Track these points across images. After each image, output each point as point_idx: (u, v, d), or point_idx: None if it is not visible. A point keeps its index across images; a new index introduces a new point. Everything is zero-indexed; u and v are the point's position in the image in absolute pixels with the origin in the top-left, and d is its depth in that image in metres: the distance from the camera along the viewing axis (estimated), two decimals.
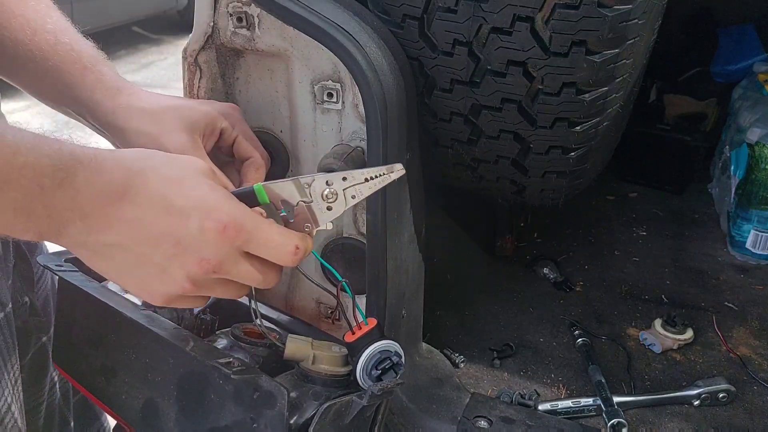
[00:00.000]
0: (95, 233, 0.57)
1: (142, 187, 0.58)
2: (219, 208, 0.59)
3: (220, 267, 0.59)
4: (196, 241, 0.58)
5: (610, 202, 1.84)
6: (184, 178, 0.60)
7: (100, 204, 0.57)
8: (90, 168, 0.56)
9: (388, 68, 0.83)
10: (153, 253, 0.58)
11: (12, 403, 0.80)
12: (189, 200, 0.59)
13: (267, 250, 0.61)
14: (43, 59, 0.78)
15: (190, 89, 0.92)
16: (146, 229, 0.58)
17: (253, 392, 0.66)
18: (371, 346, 0.71)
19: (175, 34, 6.94)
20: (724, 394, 1.06)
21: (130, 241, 0.58)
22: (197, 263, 0.58)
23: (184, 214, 0.58)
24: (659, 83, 2.09)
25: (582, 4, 0.79)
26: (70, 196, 0.55)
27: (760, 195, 1.52)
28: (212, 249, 0.58)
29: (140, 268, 0.59)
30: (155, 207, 0.58)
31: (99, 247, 0.58)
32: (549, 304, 1.34)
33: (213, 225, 0.58)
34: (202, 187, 0.60)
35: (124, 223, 0.57)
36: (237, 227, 0.59)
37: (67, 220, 0.56)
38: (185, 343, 0.72)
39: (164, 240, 0.58)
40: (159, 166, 0.60)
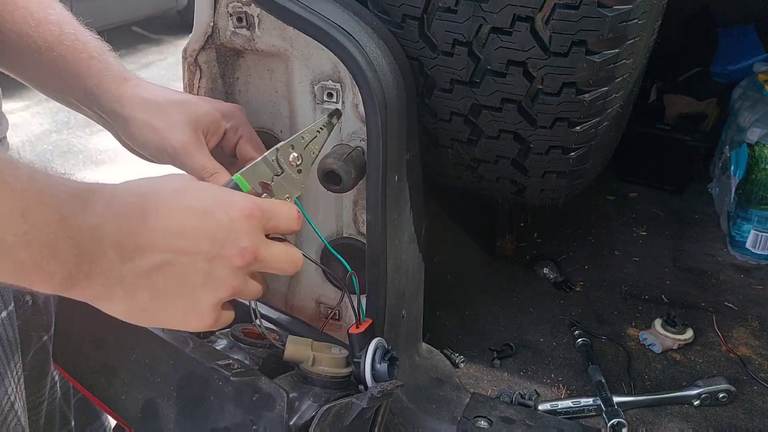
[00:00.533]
0: (130, 261, 0.56)
1: (159, 203, 0.58)
2: (234, 198, 0.61)
3: (258, 252, 0.61)
4: (231, 233, 0.59)
5: (610, 202, 1.84)
6: (188, 185, 0.62)
7: (127, 228, 0.56)
8: (103, 195, 0.56)
9: (388, 68, 0.83)
10: (195, 259, 0.58)
11: (15, 401, 0.80)
12: (205, 200, 0.60)
13: (281, 220, 0.64)
14: (48, 50, 0.78)
15: (190, 89, 0.92)
16: (181, 238, 0.57)
17: (253, 394, 0.66)
18: (375, 339, 0.72)
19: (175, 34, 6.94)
20: (724, 394, 1.06)
21: (170, 254, 0.57)
22: (239, 254, 0.59)
23: (208, 212, 0.59)
24: (659, 83, 2.09)
25: (582, 4, 0.79)
26: (94, 225, 0.54)
27: (760, 195, 1.52)
28: (247, 235, 0.60)
29: (185, 281, 0.58)
30: (179, 216, 0.58)
31: (136, 276, 0.56)
32: (549, 304, 1.34)
33: (239, 213, 0.60)
34: (208, 187, 0.63)
35: (158, 239, 0.57)
36: (258, 209, 0.61)
37: (97, 254, 0.54)
38: (185, 344, 0.72)
39: (201, 242, 0.58)
40: (161, 182, 0.61)
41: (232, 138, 0.83)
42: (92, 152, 4.01)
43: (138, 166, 0.86)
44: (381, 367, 0.71)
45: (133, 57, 6.20)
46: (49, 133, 4.40)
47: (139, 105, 0.79)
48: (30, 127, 4.48)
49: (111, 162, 3.84)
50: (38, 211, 0.50)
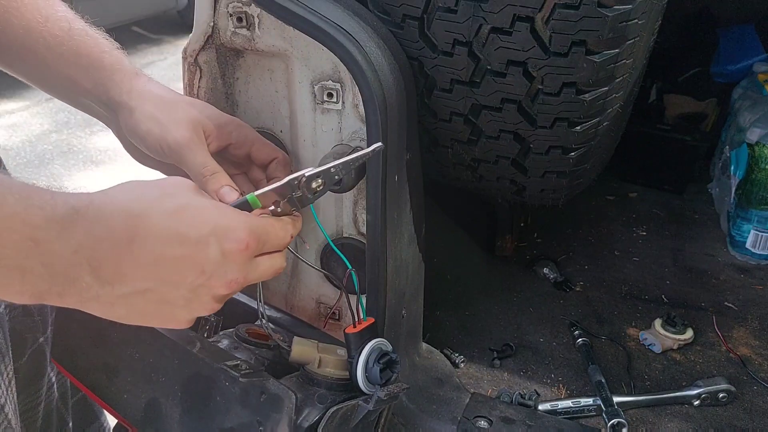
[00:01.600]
0: (109, 285, 0.55)
1: (148, 227, 0.56)
2: (233, 226, 0.59)
3: (246, 280, 0.60)
4: (221, 266, 0.58)
5: (610, 202, 1.84)
6: (185, 207, 0.58)
7: (109, 253, 0.54)
8: (87, 217, 0.53)
9: (388, 68, 0.83)
10: (178, 289, 0.57)
11: (6, 403, 0.79)
12: (202, 228, 0.57)
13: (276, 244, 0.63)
14: (57, 45, 0.78)
15: (190, 89, 0.92)
16: (167, 268, 0.56)
17: (260, 395, 0.66)
18: (373, 341, 0.72)
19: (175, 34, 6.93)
20: (724, 394, 1.06)
21: (151, 283, 0.56)
22: (226, 285, 0.58)
23: (201, 242, 0.57)
24: (659, 83, 2.09)
25: (582, 4, 0.79)
26: (72, 249, 0.52)
27: (760, 195, 1.52)
28: (237, 268, 0.59)
29: (164, 305, 0.58)
30: (170, 245, 0.56)
31: (114, 298, 0.56)
32: (549, 304, 1.34)
33: (235, 246, 0.58)
34: (207, 210, 0.59)
35: (142, 268, 0.55)
36: (256, 240, 0.59)
37: (73, 277, 0.53)
38: (192, 344, 0.72)
39: (188, 273, 0.57)
40: (156, 204, 0.58)
41: (242, 145, 0.83)
42: (92, 152, 4.01)
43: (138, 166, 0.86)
44: (374, 370, 0.71)
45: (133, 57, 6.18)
46: (49, 133, 4.40)
47: (148, 98, 0.79)
48: (30, 127, 4.48)
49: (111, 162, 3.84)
50: (6, 238, 0.49)
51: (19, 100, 4.83)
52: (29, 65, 0.81)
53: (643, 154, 1.88)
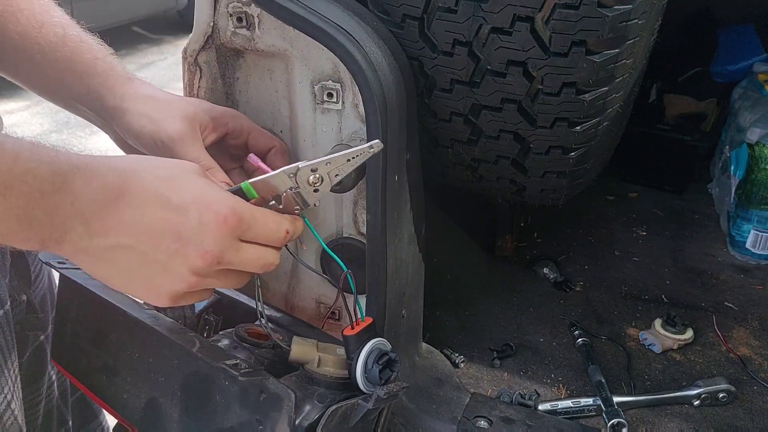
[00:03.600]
0: (96, 237, 0.58)
1: (138, 187, 0.60)
2: (216, 200, 0.61)
3: (223, 257, 0.61)
4: (197, 234, 0.60)
5: (610, 202, 1.84)
6: (176, 176, 0.62)
7: (98, 207, 0.58)
8: (85, 173, 0.58)
9: (388, 68, 0.83)
10: (155, 251, 0.60)
11: (12, 400, 0.80)
12: (185, 195, 0.60)
13: (264, 236, 0.64)
14: (52, 51, 0.79)
15: (190, 89, 0.92)
16: (146, 227, 0.59)
17: (260, 394, 0.66)
18: (371, 341, 0.72)
19: (175, 34, 6.94)
20: (724, 394, 1.06)
21: (132, 240, 0.59)
22: (201, 256, 0.60)
23: (181, 209, 0.60)
24: (659, 83, 2.09)
25: (582, 4, 0.79)
26: (70, 200, 0.56)
27: (760, 195, 1.52)
28: (213, 240, 0.60)
29: (144, 267, 0.60)
30: (152, 205, 0.59)
31: (101, 251, 0.59)
32: (549, 304, 1.34)
33: (213, 217, 0.60)
34: (197, 182, 0.63)
35: (124, 224, 0.59)
36: (236, 217, 0.61)
37: (68, 226, 0.57)
38: (191, 343, 0.72)
39: (165, 236, 0.59)
40: (151, 168, 0.62)
41: (239, 136, 0.84)
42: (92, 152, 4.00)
43: None
44: (373, 370, 0.71)
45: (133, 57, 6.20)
46: (49, 133, 4.40)
47: (141, 99, 0.80)
48: (30, 127, 4.48)
49: None
50: (19, 191, 0.54)
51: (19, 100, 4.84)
52: (25, 70, 0.82)
53: (643, 154, 1.88)
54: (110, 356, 0.79)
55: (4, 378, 0.79)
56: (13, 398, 0.80)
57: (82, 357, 0.82)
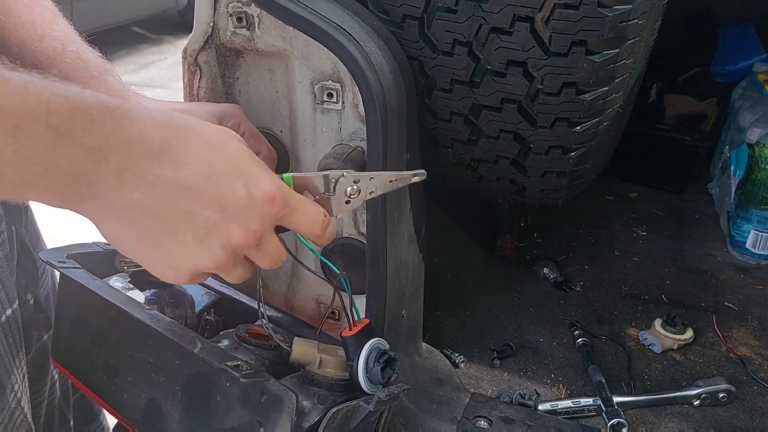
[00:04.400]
0: (129, 191, 0.51)
1: (183, 147, 0.53)
2: (265, 178, 0.56)
3: (262, 239, 0.56)
4: (244, 209, 0.55)
5: (610, 202, 1.84)
6: (225, 145, 0.56)
7: (136, 158, 0.50)
8: (118, 116, 0.50)
9: (388, 68, 0.83)
10: (195, 218, 0.53)
11: (21, 398, 0.80)
12: (234, 167, 0.55)
13: (303, 221, 0.60)
14: (49, 66, 0.78)
15: (190, 89, 0.92)
16: (189, 192, 0.53)
17: (261, 395, 0.66)
18: (370, 341, 0.72)
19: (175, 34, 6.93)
20: (724, 394, 1.06)
21: (171, 201, 0.52)
22: (242, 233, 0.55)
23: (231, 179, 0.54)
24: (659, 83, 2.09)
25: (582, 4, 0.79)
26: (97, 144, 0.48)
27: (760, 195, 1.52)
28: (259, 218, 0.55)
29: (174, 236, 0.54)
30: (199, 170, 0.53)
31: (129, 210, 0.52)
32: (549, 304, 1.34)
33: (262, 193, 0.55)
34: (245, 155, 0.57)
35: (165, 183, 0.52)
36: (283, 198, 0.57)
37: (96, 176, 0.49)
38: (193, 344, 0.72)
39: (209, 206, 0.53)
40: (198, 129, 0.55)
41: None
42: None
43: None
44: (375, 370, 0.71)
45: (133, 57, 6.20)
46: None
47: None
48: None
49: None
50: (29, 128, 0.46)
51: None
52: None
53: (643, 154, 1.88)
54: (111, 356, 0.79)
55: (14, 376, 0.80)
56: (22, 396, 0.80)
57: (82, 357, 0.82)
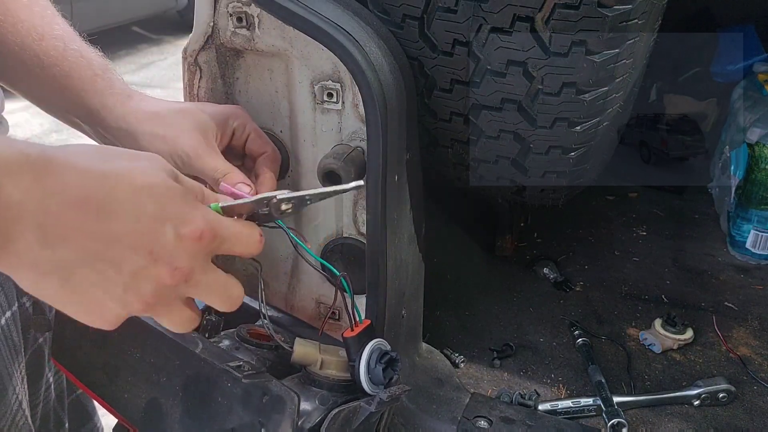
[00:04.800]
0: (52, 247, 0.49)
1: (108, 195, 0.51)
2: (193, 214, 0.56)
3: (191, 275, 0.56)
4: (171, 250, 0.54)
5: (610, 202, 1.84)
6: (153, 185, 0.54)
7: (56, 211, 0.49)
8: (37, 168, 0.48)
9: (388, 68, 0.83)
10: (119, 269, 0.52)
11: (23, 400, 0.80)
12: (162, 208, 0.54)
13: (238, 245, 0.60)
14: (51, 65, 0.77)
15: (190, 89, 0.92)
16: (116, 242, 0.51)
17: (263, 396, 0.66)
18: (372, 341, 0.72)
19: (175, 34, 6.94)
20: (724, 394, 1.06)
21: (94, 254, 0.51)
22: (170, 273, 0.54)
23: (158, 222, 0.53)
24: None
25: (582, 4, 0.79)
26: (16, 200, 0.46)
27: (760, 195, 1.52)
28: (186, 257, 0.55)
29: (100, 286, 0.53)
30: (126, 217, 0.52)
31: (52, 265, 0.50)
32: (549, 304, 1.34)
33: (190, 232, 0.54)
34: (174, 192, 0.56)
35: (89, 235, 0.50)
36: (212, 232, 0.56)
37: (13, 232, 0.47)
38: (194, 344, 0.72)
39: (136, 252, 0.52)
40: (123, 170, 0.53)
41: (242, 136, 0.84)
42: None
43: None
44: (377, 370, 0.71)
45: (133, 57, 6.20)
46: (49, 133, 4.40)
47: (145, 119, 0.78)
48: (30, 126, 4.48)
49: None
50: None
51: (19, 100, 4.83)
52: (24, 83, 0.80)
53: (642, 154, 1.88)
54: (111, 356, 0.79)
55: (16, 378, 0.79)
56: (23, 398, 0.80)
57: (82, 356, 0.82)
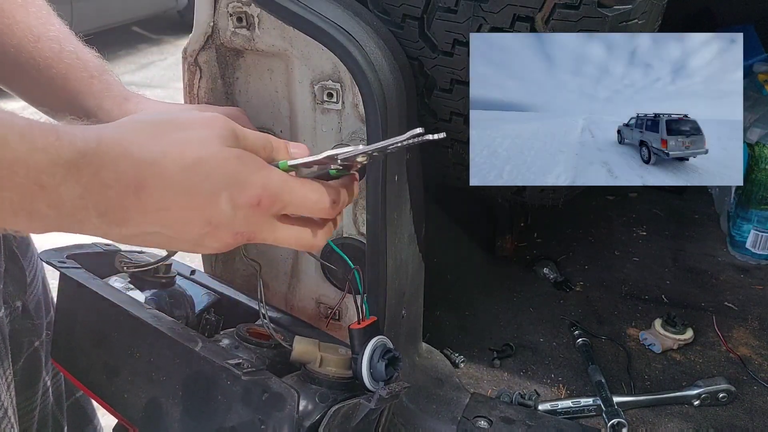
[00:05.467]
0: (117, 227, 0.54)
1: (158, 176, 0.54)
2: (249, 181, 0.56)
3: (255, 236, 0.58)
4: (229, 219, 0.56)
5: (610, 202, 1.84)
6: (203, 159, 0.55)
7: (115, 199, 0.52)
8: (94, 162, 0.51)
9: (388, 68, 0.83)
10: (186, 237, 0.56)
11: (8, 407, 0.79)
12: (214, 180, 0.55)
13: (304, 208, 0.60)
14: (47, 67, 0.77)
15: (190, 89, 0.92)
16: (173, 216, 0.55)
17: (262, 393, 0.66)
18: (376, 337, 0.72)
19: (175, 34, 6.94)
20: (724, 394, 1.06)
21: (157, 228, 0.55)
22: (232, 237, 0.57)
23: (213, 194, 0.55)
24: None
25: (582, 4, 0.79)
26: (78, 193, 0.51)
27: (760, 195, 1.52)
28: (245, 222, 0.57)
29: (174, 244, 0.58)
30: (178, 194, 0.54)
31: (123, 237, 0.56)
32: (549, 304, 1.34)
33: (246, 200, 0.56)
34: (228, 161, 0.56)
35: (148, 214, 0.54)
36: (271, 197, 0.57)
37: (81, 218, 0.52)
38: (194, 343, 0.72)
39: (194, 223, 0.55)
40: (173, 155, 0.55)
41: None
42: None
43: None
44: (379, 366, 0.71)
45: (133, 57, 6.20)
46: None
47: None
48: None
49: None
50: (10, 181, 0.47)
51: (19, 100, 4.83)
52: (21, 84, 0.80)
53: None
54: (111, 356, 0.79)
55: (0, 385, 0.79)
56: (9, 404, 0.80)
57: (82, 356, 0.82)
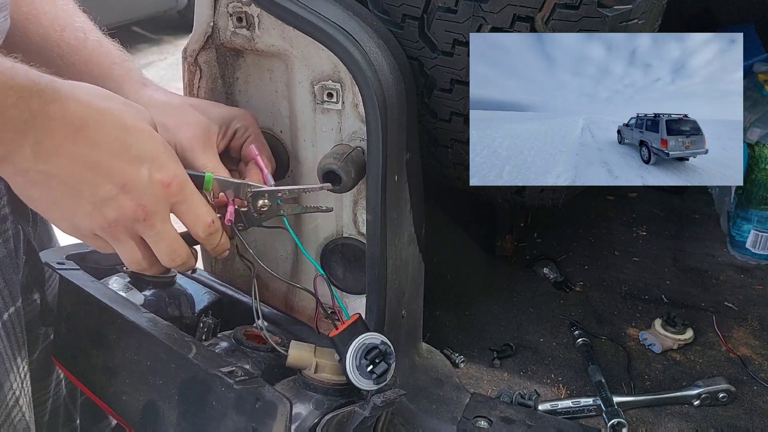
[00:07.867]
0: (43, 162, 0.57)
1: (100, 126, 0.59)
2: (168, 164, 0.64)
3: (150, 217, 0.63)
4: (142, 189, 0.61)
5: (610, 202, 1.84)
6: (141, 129, 0.63)
7: (55, 134, 0.57)
8: (46, 93, 0.56)
9: (388, 68, 0.83)
10: (94, 191, 0.60)
11: (20, 397, 0.80)
12: (143, 150, 0.62)
13: (192, 215, 0.67)
14: (71, 53, 0.81)
15: (190, 89, 0.92)
16: (96, 167, 0.59)
17: (256, 402, 0.66)
18: (357, 339, 0.71)
19: (175, 34, 6.93)
20: (724, 394, 1.06)
21: (76, 174, 0.59)
22: (133, 208, 0.62)
23: (137, 160, 0.61)
24: None
25: (582, 4, 0.79)
26: (24, 119, 0.55)
27: (760, 195, 1.52)
28: (152, 198, 0.62)
29: (74, 200, 0.61)
30: (110, 149, 0.60)
31: (39, 176, 0.58)
32: (549, 304, 1.34)
33: (161, 177, 0.63)
34: (157, 140, 0.64)
35: (76, 156, 0.58)
36: (180, 185, 0.64)
37: (17, 144, 0.55)
38: (188, 349, 0.72)
39: (112, 181, 0.60)
40: (118, 110, 0.62)
41: (240, 139, 0.84)
42: None
43: None
44: (364, 364, 0.71)
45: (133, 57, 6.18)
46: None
47: (155, 106, 0.80)
48: None
49: None
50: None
51: None
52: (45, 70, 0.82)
53: None
54: (109, 357, 0.79)
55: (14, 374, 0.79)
56: (21, 395, 0.80)
57: (81, 357, 0.82)
